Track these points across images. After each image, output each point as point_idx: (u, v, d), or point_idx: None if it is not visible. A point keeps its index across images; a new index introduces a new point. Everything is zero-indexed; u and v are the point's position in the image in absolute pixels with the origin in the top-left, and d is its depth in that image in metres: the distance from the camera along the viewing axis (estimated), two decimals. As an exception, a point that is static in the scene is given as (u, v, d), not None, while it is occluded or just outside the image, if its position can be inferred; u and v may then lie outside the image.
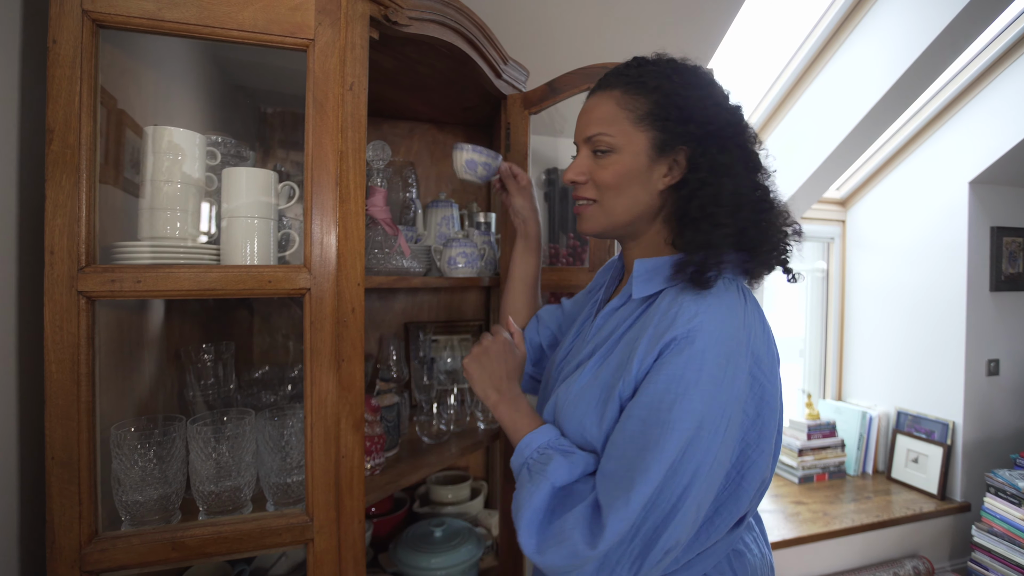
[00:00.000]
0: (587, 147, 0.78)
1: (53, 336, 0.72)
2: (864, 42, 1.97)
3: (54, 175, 0.72)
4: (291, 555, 1.22)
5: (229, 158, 1.01)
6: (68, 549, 0.73)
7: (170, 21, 0.77)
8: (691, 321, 0.63)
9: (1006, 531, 2.15)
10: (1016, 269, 2.57)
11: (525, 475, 0.71)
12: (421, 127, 1.75)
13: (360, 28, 0.88)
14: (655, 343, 0.65)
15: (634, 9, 1.60)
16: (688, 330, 0.63)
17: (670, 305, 0.68)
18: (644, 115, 0.74)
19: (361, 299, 0.87)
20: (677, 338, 0.63)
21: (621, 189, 0.76)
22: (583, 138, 0.79)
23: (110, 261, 0.80)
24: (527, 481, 0.70)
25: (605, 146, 0.76)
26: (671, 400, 0.61)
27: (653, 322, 0.67)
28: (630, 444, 0.63)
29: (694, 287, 0.67)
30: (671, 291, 0.71)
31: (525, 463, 0.73)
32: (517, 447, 0.75)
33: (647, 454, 0.61)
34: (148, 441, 0.81)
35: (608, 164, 0.76)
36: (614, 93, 0.77)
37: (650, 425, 0.62)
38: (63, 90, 0.73)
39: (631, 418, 0.65)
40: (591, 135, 0.77)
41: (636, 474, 0.60)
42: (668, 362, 0.63)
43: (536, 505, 0.67)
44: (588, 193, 0.79)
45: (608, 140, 0.75)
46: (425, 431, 1.36)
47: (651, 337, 0.66)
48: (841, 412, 2.86)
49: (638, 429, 0.63)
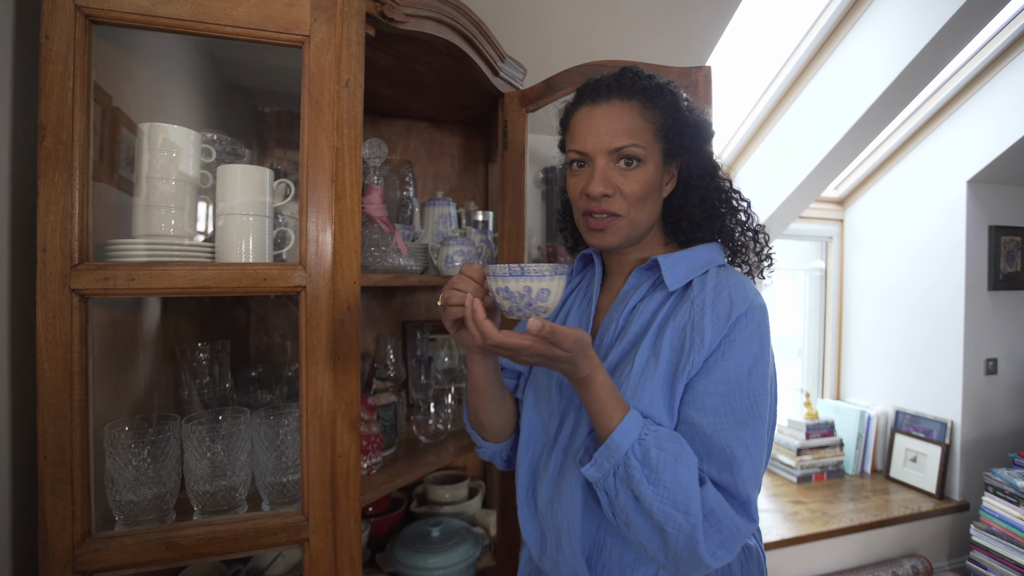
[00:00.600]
0: (610, 158, 0.76)
1: (46, 334, 0.72)
2: (862, 41, 1.97)
3: (47, 172, 0.72)
4: (288, 555, 1.21)
5: (224, 156, 1.00)
6: (61, 549, 0.73)
7: (164, 17, 0.77)
8: (746, 300, 0.71)
9: (1005, 530, 2.15)
10: (1014, 268, 2.57)
11: (656, 453, 0.64)
12: (418, 125, 1.75)
13: (356, 24, 0.87)
14: (724, 322, 0.70)
15: (631, 7, 1.60)
16: (747, 308, 0.70)
17: (718, 288, 0.73)
18: (659, 127, 0.77)
19: (357, 297, 0.87)
20: (741, 316, 0.70)
21: (646, 200, 0.77)
22: (608, 149, 0.75)
23: (104, 259, 0.79)
24: (650, 471, 0.63)
25: (635, 157, 0.75)
26: (747, 371, 0.69)
27: (707, 303, 0.71)
28: (718, 418, 0.68)
29: (727, 270, 0.77)
30: (700, 278, 0.76)
31: (633, 448, 0.65)
32: (619, 429, 0.65)
33: (749, 420, 0.67)
34: (142, 440, 0.81)
35: (637, 176, 0.75)
36: (634, 104, 0.76)
37: (735, 398, 0.68)
38: (56, 86, 0.72)
39: (709, 395, 0.68)
40: (621, 146, 0.75)
41: (748, 440, 0.67)
42: (736, 338, 0.69)
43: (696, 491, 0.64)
44: (615, 207, 0.76)
45: (639, 151, 0.75)
46: (422, 430, 1.36)
47: (715, 317, 0.70)
48: (839, 411, 2.86)
49: (721, 403, 0.68)
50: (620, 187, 0.75)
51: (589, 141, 0.76)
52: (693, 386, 0.70)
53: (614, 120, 0.76)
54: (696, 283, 0.75)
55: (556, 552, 0.74)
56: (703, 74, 1.24)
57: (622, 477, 0.64)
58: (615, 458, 0.64)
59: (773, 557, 2.15)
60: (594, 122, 0.77)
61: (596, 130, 0.76)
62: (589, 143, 0.76)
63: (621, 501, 0.65)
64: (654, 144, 0.77)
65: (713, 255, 0.80)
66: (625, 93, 0.77)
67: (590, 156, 0.77)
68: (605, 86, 0.78)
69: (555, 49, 1.69)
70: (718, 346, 0.70)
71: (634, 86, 0.77)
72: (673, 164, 0.81)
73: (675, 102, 0.79)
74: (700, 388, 0.69)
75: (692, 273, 0.77)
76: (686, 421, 0.69)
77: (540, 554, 0.78)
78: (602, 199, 0.76)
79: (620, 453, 0.64)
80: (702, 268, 0.77)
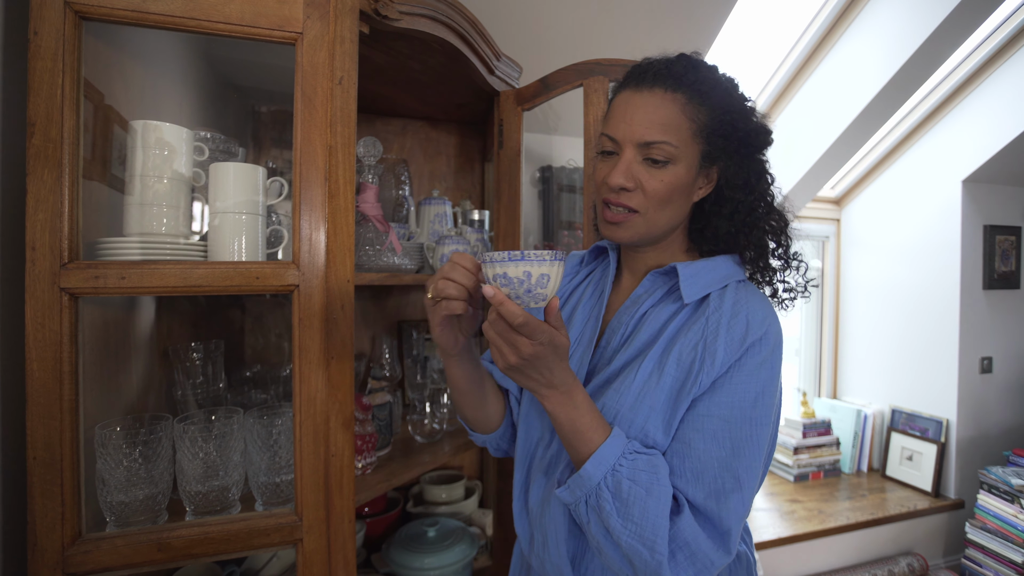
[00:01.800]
0: (638, 151, 0.70)
1: (35, 334, 0.71)
2: (859, 39, 1.97)
3: (35, 169, 0.71)
4: (282, 556, 1.21)
5: (218, 154, 1.00)
6: (50, 551, 0.72)
7: (155, 13, 0.76)
8: (763, 324, 0.67)
9: (999, 528, 2.16)
10: (1008, 267, 2.58)
11: (628, 486, 0.62)
12: (414, 124, 1.74)
13: (350, 22, 0.87)
14: (738, 346, 0.66)
15: (628, 7, 1.60)
16: (763, 333, 0.67)
17: (735, 307, 0.69)
18: (702, 127, 0.71)
19: (351, 296, 0.86)
20: (756, 342, 0.67)
21: (670, 201, 0.72)
22: (638, 140, 0.70)
23: (96, 257, 0.79)
24: (628, 500, 0.62)
25: (665, 156, 0.69)
26: (752, 398, 0.65)
27: (723, 323, 0.68)
28: (715, 443, 0.65)
29: (747, 287, 0.73)
30: (718, 292, 0.72)
31: (611, 473, 0.63)
32: (593, 458, 0.63)
33: (746, 450, 0.65)
34: (134, 440, 0.80)
35: (664, 175, 0.70)
36: (678, 98, 0.70)
37: (736, 424, 0.65)
38: (45, 83, 0.71)
39: (711, 417, 0.65)
40: (652, 141, 0.69)
41: (741, 472, 0.64)
42: (747, 363, 0.66)
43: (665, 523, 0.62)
44: (633, 202, 0.71)
45: (671, 150, 0.69)
46: (418, 430, 1.35)
47: (729, 339, 0.67)
48: (836, 410, 2.86)
49: (721, 427, 0.65)
50: (643, 183, 0.70)
51: (621, 128, 0.71)
52: (695, 405, 0.67)
53: (652, 111, 0.70)
54: (713, 298, 0.71)
55: (543, 550, 0.74)
56: (699, 72, 1.24)
57: (594, 507, 0.62)
58: (587, 487, 0.62)
59: (770, 556, 2.16)
60: (631, 109, 0.71)
61: (631, 118, 0.70)
62: (620, 130, 0.71)
63: (592, 529, 0.63)
64: (691, 144, 0.71)
65: (735, 268, 0.75)
66: (673, 83, 0.70)
67: (619, 144, 0.72)
68: (653, 72, 0.72)
69: (551, 47, 1.68)
70: (727, 369, 0.66)
71: (684, 77, 0.71)
72: (713, 169, 0.74)
73: (729, 102, 0.72)
74: (702, 408, 0.66)
75: (711, 286, 0.72)
76: (681, 440, 0.66)
77: (528, 550, 0.78)
78: (621, 192, 0.71)
79: (592, 483, 0.62)
80: (722, 282, 0.73)
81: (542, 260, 0.59)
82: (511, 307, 0.57)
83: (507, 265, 0.59)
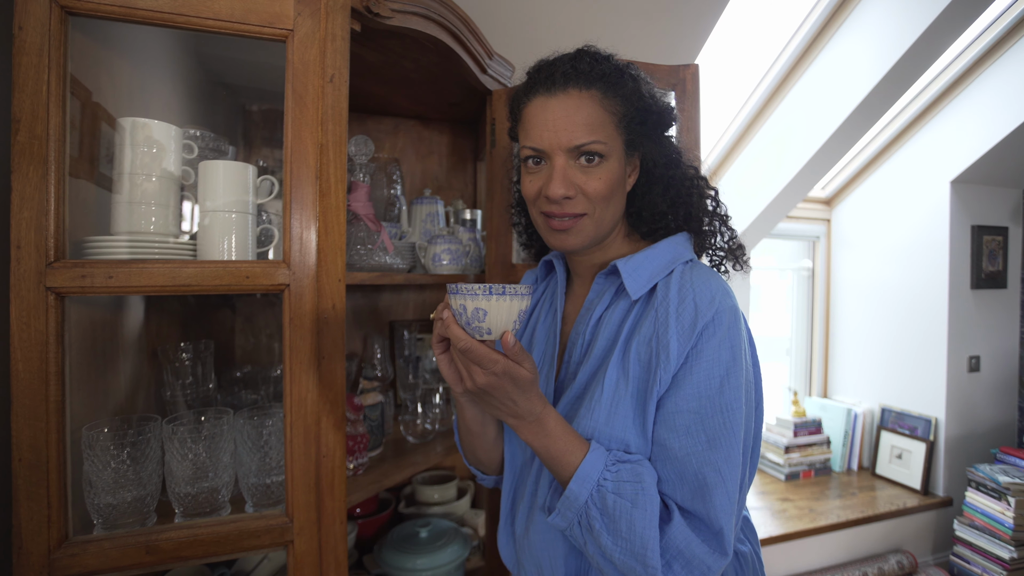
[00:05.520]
0: (569, 156, 0.69)
1: (20, 334, 0.70)
2: (851, 38, 1.98)
3: (20, 166, 0.70)
4: (273, 558, 1.20)
5: (207, 152, 0.99)
6: (36, 555, 0.71)
7: (143, 9, 0.75)
8: (712, 304, 0.65)
9: (987, 524, 2.18)
10: (996, 267, 2.61)
11: (613, 500, 0.61)
12: (406, 123, 1.73)
13: (341, 19, 0.86)
14: (688, 333, 0.64)
15: (619, 5, 1.60)
16: (714, 313, 0.64)
17: (682, 292, 0.66)
18: (621, 118, 0.71)
19: (342, 295, 0.86)
20: (707, 324, 0.64)
21: (611, 198, 0.71)
22: (567, 146, 0.68)
23: (83, 256, 0.78)
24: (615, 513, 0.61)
25: (597, 154, 0.69)
26: (718, 384, 0.63)
27: (671, 313, 0.65)
28: (689, 439, 0.63)
29: (693, 268, 0.70)
30: (664, 280, 0.70)
31: (597, 489, 0.62)
32: (575, 477, 0.62)
33: (722, 440, 0.62)
34: (122, 442, 0.79)
35: (602, 173, 0.69)
36: (594, 94, 0.69)
37: (707, 415, 0.63)
38: (30, 79, 0.70)
39: (680, 413, 0.64)
40: (583, 143, 0.68)
41: (721, 464, 0.62)
42: (704, 349, 0.64)
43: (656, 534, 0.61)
44: (578, 208, 0.70)
45: (602, 148, 0.68)
46: (410, 430, 1.35)
47: (679, 328, 0.64)
48: (826, 409, 2.88)
49: (693, 422, 0.63)
50: (582, 187, 0.69)
51: (546, 137, 0.69)
52: (663, 403, 0.65)
53: (572, 113, 0.68)
54: (660, 287, 0.69)
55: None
56: (691, 72, 1.25)
57: (586, 527, 0.62)
58: (576, 507, 0.62)
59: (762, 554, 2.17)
60: (550, 116, 0.69)
61: (553, 125, 0.68)
62: (545, 139, 0.69)
63: (590, 550, 0.63)
64: (616, 137, 0.70)
65: (678, 250, 0.74)
66: (584, 81, 0.69)
67: (546, 153, 0.70)
68: (561, 73, 0.69)
69: (543, 47, 1.66)
70: (686, 359, 0.64)
71: (592, 72, 0.69)
72: (635, 155, 0.75)
73: (636, 88, 0.72)
74: (670, 406, 0.64)
75: (656, 276, 0.70)
76: (658, 443, 0.65)
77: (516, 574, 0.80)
78: (564, 202, 0.69)
79: (580, 503, 0.61)
80: (667, 268, 0.71)
81: (474, 295, 0.59)
82: (455, 331, 0.58)
83: (449, 297, 0.61)
